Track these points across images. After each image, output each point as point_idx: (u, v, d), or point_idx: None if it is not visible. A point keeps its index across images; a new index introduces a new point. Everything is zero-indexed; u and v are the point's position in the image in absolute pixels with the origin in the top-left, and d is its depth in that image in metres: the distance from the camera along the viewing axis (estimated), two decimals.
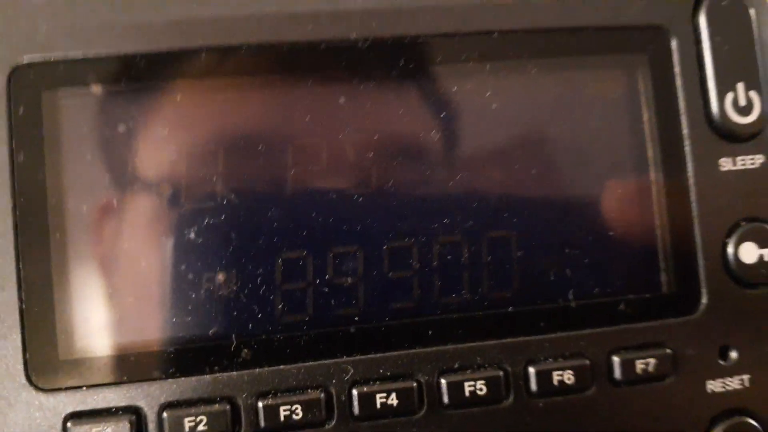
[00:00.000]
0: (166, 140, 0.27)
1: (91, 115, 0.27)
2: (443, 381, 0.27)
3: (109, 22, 0.26)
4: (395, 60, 0.28)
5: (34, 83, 0.26)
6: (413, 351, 0.27)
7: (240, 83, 0.27)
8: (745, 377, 0.29)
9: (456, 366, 0.28)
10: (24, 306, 0.26)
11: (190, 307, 0.27)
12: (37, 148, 0.26)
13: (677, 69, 0.30)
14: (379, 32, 0.28)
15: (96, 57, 0.27)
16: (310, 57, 0.28)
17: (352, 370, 0.27)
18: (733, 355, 0.29)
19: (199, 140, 0.27)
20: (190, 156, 0.27)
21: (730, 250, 0.29)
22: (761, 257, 0.29)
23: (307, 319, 0.27)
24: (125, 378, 0.26)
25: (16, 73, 0.26)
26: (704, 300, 0.29)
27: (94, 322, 0.27)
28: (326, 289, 0.28)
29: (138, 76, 0.27)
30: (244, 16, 0.27)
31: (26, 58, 0.26)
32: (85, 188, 0.27)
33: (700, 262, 0.29)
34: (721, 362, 0.29)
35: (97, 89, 0.27)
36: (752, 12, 0.30)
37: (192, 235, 0.27)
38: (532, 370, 0.28)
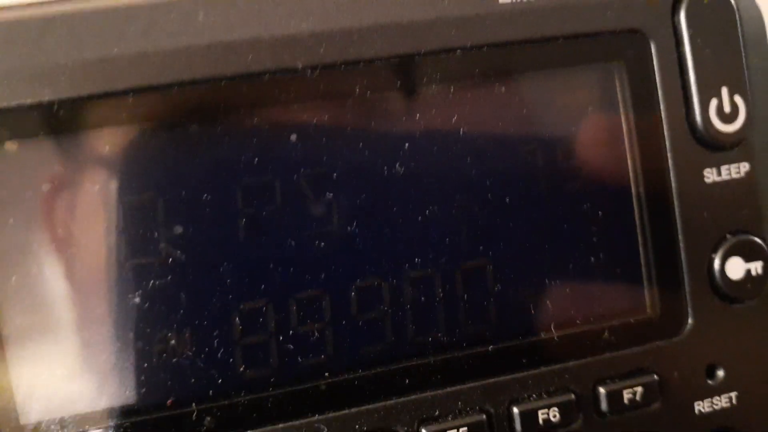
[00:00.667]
0: (97, 195, 0.24)
1: (10, 175, 0.23)
2: (425, 430, 0.26)
3: (18, 67, 0.23)
4: (350, 87, 0.25)
5: None
6: (390, 402, 0.26)
7: (176, 125, 0.24)
8: (733, 395, 0.28)
9: (436, 414, 0.26)
10: None
11: (144, 376, 0.24)
12: None
13: (657, 75, 0.27)
14: (328, 59, 0.25)
15: (6, 108, 0.23)
16: (253, 90, 0.24)
17: (325, 430, 0.25)
18: (720, 373, 0.28)
19: (134, 193, 0.24)
20: (126, 211, 0.24)
21: (716, 265, 0.28)
22: (748, 272, 0.28)
23: (271, 376, 0.25)
24: None
25: None
26: (690, 320, 0.28)
27: (50, 393, 0.24)
28: (290, 341, 0.25)
29: (57, 126, 0.23)
30: (172, 50, 0.24)
31: None
32: (13, 257, 0.24)
33: (686, 280, 0.28)
34: (709, 382, 0.28)
35: (11, 146, 0.23)
36: (735, 7, 0.28)
37: (137, 299, 0.24)
38: (516, 410, 0.26)
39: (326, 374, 0.25)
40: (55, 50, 0.23)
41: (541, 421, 0.26)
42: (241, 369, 0.25)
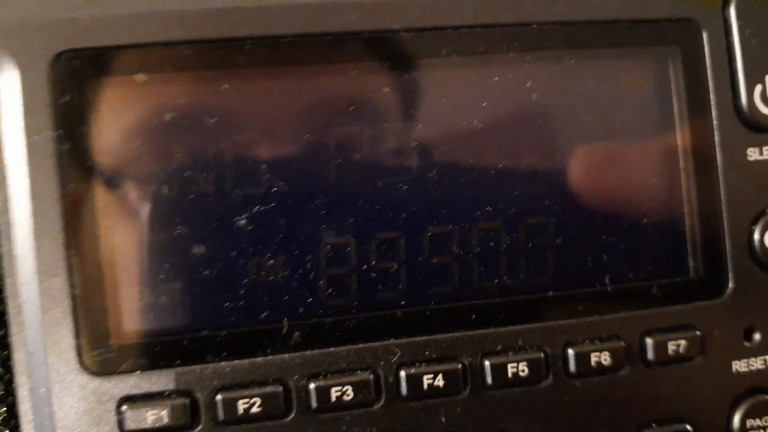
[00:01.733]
0: (215, 129, 0.27)
1: (137, 103, 0.27)
2: (486, 363, 0.28)
3: (151, 10, 0.26)
4: (430, 50, 0.29)
5: (77, 71, 0.26)
6: (457, 335, 0.28)
7: (292, 72, 0.28)
8: None
9: (498, 348, 0.28)
10: (75, 292, 0.26)
11: (241, 292, 0.27)
12: (82, 136, 0.26)
13: (708, 61, 0.31)
14: (420, 23, 0.28)
15: (139, 44, 0.27)
16: (351, 47, 0.28)
17: (399, 352, 0.28)
18: (757, 336, 0.31)
19: (251, 129, 0.28)
20: (243, 144, 0.27)
21: (756, 236, 0.31)
22: None
23: (353, 302, 0.28)
24: (178, 362, 0.27)
25: (59, 61, 0.26)
26: (731, 284, 0.31)
27: (146, 307, 0.27)
28: (370, 273, 0.28)
29: (182, 64, 0.27)
30: (289, 5, 0.27)
31: (69, 46, 0.26)
32: (134, 175, 0.27)
33: (727, 248, 0.31)
34: (746, 343, 0.31)
35: (141, 77, 0.27)
36: None
37: (241, 222, 0.27)
38: (571, 351, 0.29)
39: (402, 304, 0.28)
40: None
41: (593, 363, 0.29)
42: (328, 293, 0.28)
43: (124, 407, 0.26)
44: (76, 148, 0.26)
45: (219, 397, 0.26)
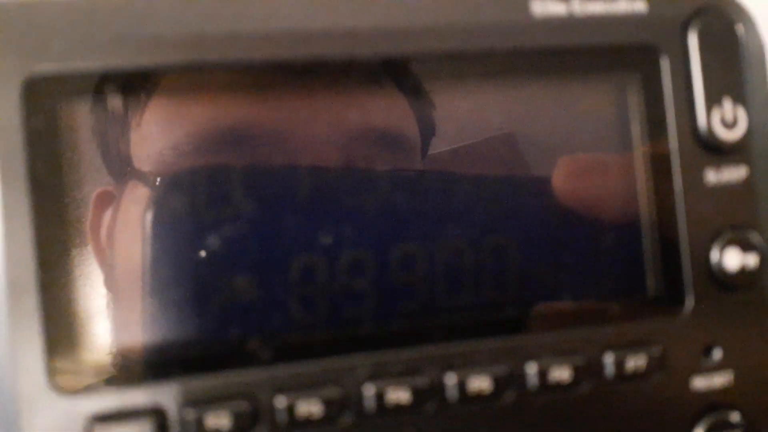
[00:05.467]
0: (185, 153, 0.28)
1: (108, 125, 0.28)
2: (450, 377, 0.29)
3: (125, 34, 0.27)
4: (394, 78, 0.30)
5: (49, 94, 0.27)
6: (419, 349, 0.29)
7: (258, 97, 0.29)
8: (729, 373, 0.32)
9: (461, 363, 0.29)
10: (45, 310, 0.27)
11: (210, 309, 0.28)
12: (54, 159, 0.27)
13: (667, 85, 0.31)
14: (382, 50, 0.29)
15: (113, 68, 0.28)
16: (322, 73, 0.29)
17: (365, 367, 0.29)
18: (717, 353, 0.32)
19: (218, 153, 0.29)
20: (209, 166, 0.28)
21: (714, 255, 0.31)
22: (743, 263, 0.32)
23: (320, 319, 0.29)
24: (147, 378, 0.28)
25: (31, 84, 0.27)
26: (690, 302, 0.31)
27: (117, 324, 0.28)
28: (337, 291, 0.29)
29: (152, 88, 0.28)
30: (261, 32, 0.28)
31: (41, 69, 0.27)
32: (104, 194, 0.28)
33: (686, 267, 0.31)
34: (706, 360, 0.32)
35: (113, 101, 0.28)
36: (740, 29, 0.32)
37: (211, 239, 0.28)
38: (531, 366, 0.30)
39: (367, 322, 0.29)
40: (159, 23, 0.28)
41: (551, 379, 0.30)
42: (296, 309, 0.29)
43: (94, 425, 0.27)
44: (47, 169, 0.27)
45: (187, 412, 0.27)
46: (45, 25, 0.27)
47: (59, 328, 0.27)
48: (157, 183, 0.28)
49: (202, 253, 0.28)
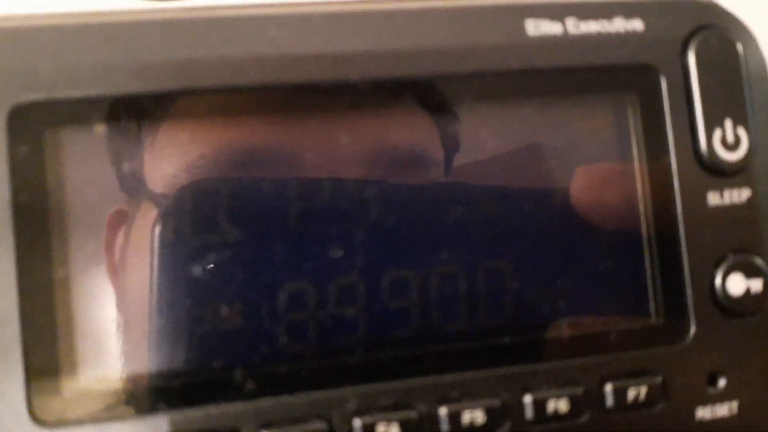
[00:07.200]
0: (170, 179, 0.28)
1: (95, 154, 0.27)
2: (442, 410, 0.28)
3: (111, 62, 0.27)
4: (395, 99, 0.29)
5: (36, 122, 0.27)
6: (413, 381, 0.28)
7: (244, 123, 0.28)
8: (734, 404, 0.30)
9: (454, 395, 0.28)
10: (27, 341, 0.26)
11: (195, 340, 0.27)
12: (39, 187, 0.27)
13: (667, 106, 0.31)
14: (378, 73, 0.28)
15: (99, 97, 0.27)
16: (313, 97, 0.28)
17: (353, 400, 0.28)
18: (722, 382, 0.31)
19: (204, 179, 0.28)
20: (195, 193, 0.28)
21: (717, 281, 0.30)
22: (747, 289, 0.30)
23: (309, 349, 0.28)
24: (131, 411, 0.27)
25: (17, 112, 0.26)
26: (693, 329, 0.30)
27: (98, 356, 0.27)
28: (327, 320, 0.28)
29: (141, 115, 0.27)
30: (248, 57, 0.28)
31: (27, 98, 0.27)
32: (86, 223, 0.27)
33: (689, 293, 0.30)
34: (710, 389, 0.30)
35: (100, 129, 0.27)
36: (740, 47, 0.31)
37: (197, 269, 0.27)
38: (527, 398, 0.29)
39: (357, 352, 0.28)
40: (146, 50, 0.27)
41: (550, 410, 0.29)
42: (283, 340, 0.28)
43: None
44: (32, 199, 0.27)
45: None
46: (32, 52, 0.27)
47: (41, 360, 0.26)
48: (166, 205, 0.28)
49: (196, 279, 0.27)
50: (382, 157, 0.30)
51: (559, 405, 0.29)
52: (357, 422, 0.27)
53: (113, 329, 0.27)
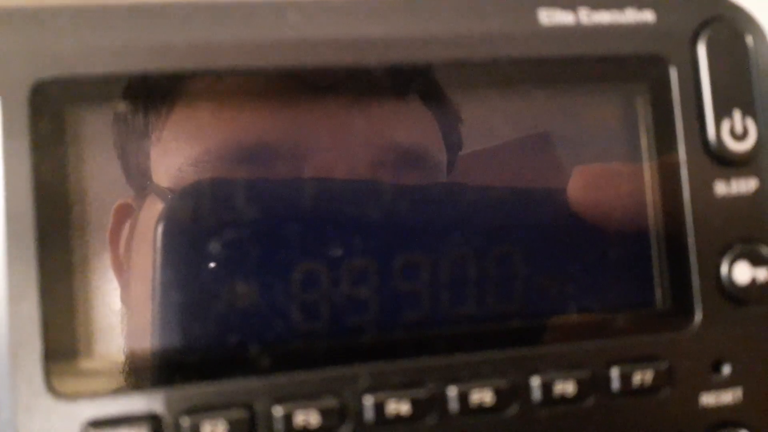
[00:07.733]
0: (189, 156, 0.28)
1: (115, 131, 0.28)
2: (451, 389, 0.29)
3: (131, 42, 0.27)
4: (407, 85, 0.29)
5: (57, 99, 0.27)
6: (423, 360, 0.29)
7: (260, 104, 0.29)
8: (738, 390, 0.31)
9: (463, 375, 0.29)
10: (45, 314, 0.27)
11: (211, 316, 0.28)
12: (59, 164, 0.27)
13: (676, 97, 0.31)
14: (393, 59, 0.29)
15: (120, 74, 0.28)
16: (326, 84, 0.29)
17: (365, 377, 0.28)
18: (726, 369, 0.31)
19: (221, 157, 0.28)
20: (212, 171, 0.28)
21: (723, 269, 0.31)
22: (753, 277, 0.31)
23: (322, 328, 0.29)
24: (145, 384, 0.27)
25: (39, 89, 0.27)
26: (698, 316, 0.31)
27: (116, 330, 0.28)
28: (340, 300, 0.29)
29: (160, 94, 0.28)
30: (266, 40, 0.28)
31: (49, 74, 0.27)
32: (106, 201, 0.28)
33: (695, 280, 0.31)
34: (715, 375, 0.31)
35: (120, 106, 0.28)
36: (749, 40, 0.32)
37: (213, 246, 0.28)
38: (535, 380, 0.29)
39: (370, 331, 0.29)
40: (166, 30, 0.28)
41: (556, 393, 0.29)
42: (297, 318, 0.28)
43: (90, 431, 0.26)
44: (52, 175, 0.27)
45: (183, 420, 0.27)
46: (54, 31, 0.27)
47: (59, 333, 0.27)
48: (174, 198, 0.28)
49: (211, 264, 0.28)
50: (395, 145, 0.30)
51: (566, 387, 0.29)
52: (368, 399, 0.28)
53: (131, 305, 0.28)
